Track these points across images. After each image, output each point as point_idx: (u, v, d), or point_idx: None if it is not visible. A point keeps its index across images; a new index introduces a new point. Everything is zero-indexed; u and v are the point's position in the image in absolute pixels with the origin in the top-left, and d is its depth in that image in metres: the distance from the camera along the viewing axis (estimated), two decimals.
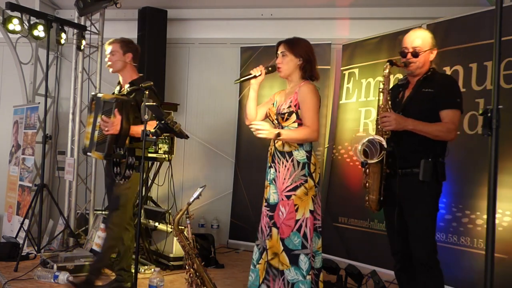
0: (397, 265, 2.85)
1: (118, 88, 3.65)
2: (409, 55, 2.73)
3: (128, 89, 3.45)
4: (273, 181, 2.91)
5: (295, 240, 2.78)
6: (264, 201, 2.98)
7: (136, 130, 3.29)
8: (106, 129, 3.24)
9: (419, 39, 2.74)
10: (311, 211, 2.81)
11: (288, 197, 2.81)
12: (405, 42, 2.78)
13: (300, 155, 2.84)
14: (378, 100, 2.75)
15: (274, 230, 2.85)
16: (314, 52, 2.98)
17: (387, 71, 2.73)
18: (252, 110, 3.01)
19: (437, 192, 2.69)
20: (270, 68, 2.98)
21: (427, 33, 2.81)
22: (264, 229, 2.95)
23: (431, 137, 2.61)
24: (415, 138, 2.63)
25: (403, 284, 2.86)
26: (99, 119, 3.32)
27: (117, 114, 3.22)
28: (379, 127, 2.70)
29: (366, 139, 2.63)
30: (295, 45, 2.93)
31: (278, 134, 2.79)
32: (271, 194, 2.91)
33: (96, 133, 3.33)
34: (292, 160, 2.83)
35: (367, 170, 2.74)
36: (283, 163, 2.86)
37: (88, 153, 3.46)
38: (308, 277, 2.76)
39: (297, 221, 2.79)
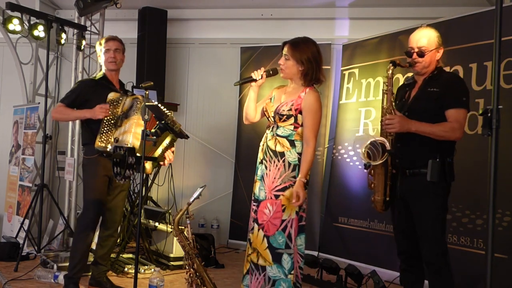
0: (402, 265, 2.83)
1: (112, 88, 3.42)
2: (414, 55, 2.71)
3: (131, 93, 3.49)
4: (262, 178, 2.92)
5: (279, 239, 2.82)
6: (253, 196, 2.99)
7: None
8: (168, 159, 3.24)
9: (425, 38, 2.71)
10: (296, 212, 2.82)
11: (277, 196, 2.83)
12: (411, 42, 2.75)
13: (292, 156, 2.84)
14: (382, 101, 2.74)
15: (256, 226, 2.89)
16: (321, 55, 2.89)
17: (390, 72, 2.72)
18: (251, 110, 3.06)
19: (445, 192, 2.67)
20: (271, 72, 2.99)
21: (433, 32, 2.76)
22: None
23: (436, 138, 2.59)
24: (421, 138, 2.61)
25: (408, 285, 2.83)
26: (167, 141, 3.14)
27: None
28: (383, 128, 2.68)
29: (369, 141, 2.62)
30: (299, 50, 2.85)
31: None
32: (259, 190, 2.93)
33: (160, 151, 3.14)
34: (284, 161, 2.83)
35: (372, 171, 2.73)
36: (274, 162, 2.86)
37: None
38: (290, 276, 2.80)
39: (283, 221, 2.81)
